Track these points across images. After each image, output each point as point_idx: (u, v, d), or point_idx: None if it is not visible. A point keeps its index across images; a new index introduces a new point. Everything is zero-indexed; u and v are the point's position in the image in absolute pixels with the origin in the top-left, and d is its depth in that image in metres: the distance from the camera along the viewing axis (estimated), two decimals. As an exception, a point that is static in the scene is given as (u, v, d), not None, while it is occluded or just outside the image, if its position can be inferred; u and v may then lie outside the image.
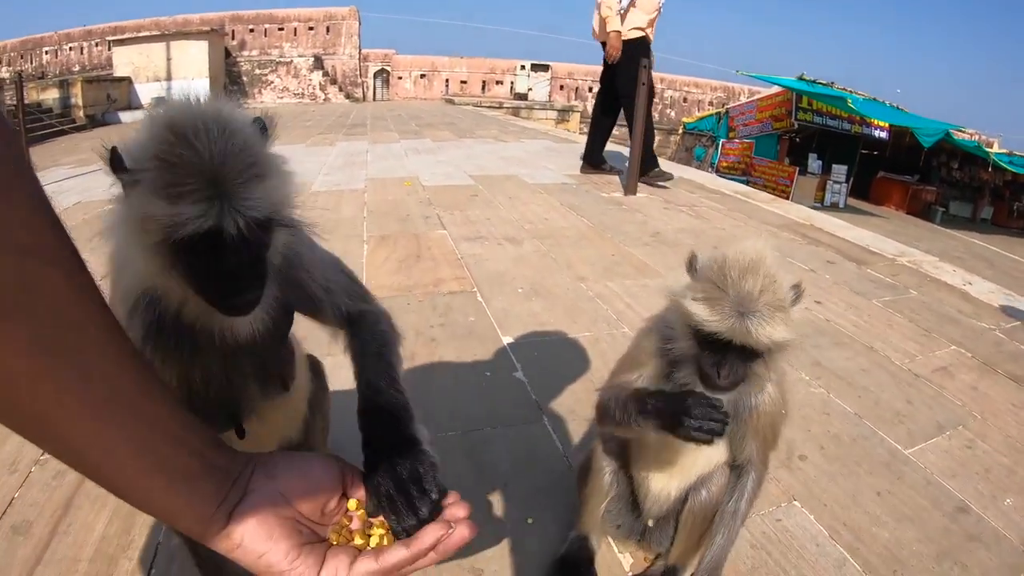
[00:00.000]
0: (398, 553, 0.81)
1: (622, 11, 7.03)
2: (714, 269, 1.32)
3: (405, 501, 0.88)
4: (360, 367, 1.31)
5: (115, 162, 0.98)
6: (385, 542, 0.85)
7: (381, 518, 0.87)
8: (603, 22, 7.08)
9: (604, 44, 7.31)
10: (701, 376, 1.35)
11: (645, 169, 7.29)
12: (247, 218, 0.96)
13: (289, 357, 1.50)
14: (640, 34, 7.13)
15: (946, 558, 1.97)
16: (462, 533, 0.84)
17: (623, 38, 7.11)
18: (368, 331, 1.38)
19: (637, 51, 7.01)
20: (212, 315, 1.10)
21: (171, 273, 1.03)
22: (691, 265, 1.39)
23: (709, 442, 1.28)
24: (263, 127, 1.08)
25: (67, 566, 1.82)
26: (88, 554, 1.87)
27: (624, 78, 7.20)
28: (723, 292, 1.27)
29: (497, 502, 2.11)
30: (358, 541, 0.84)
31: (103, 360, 0.63)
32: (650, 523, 1.77)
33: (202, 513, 0.72)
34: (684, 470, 1.63)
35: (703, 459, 1.60)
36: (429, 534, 0.83)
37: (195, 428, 0.73)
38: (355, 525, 0.86)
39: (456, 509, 0.88)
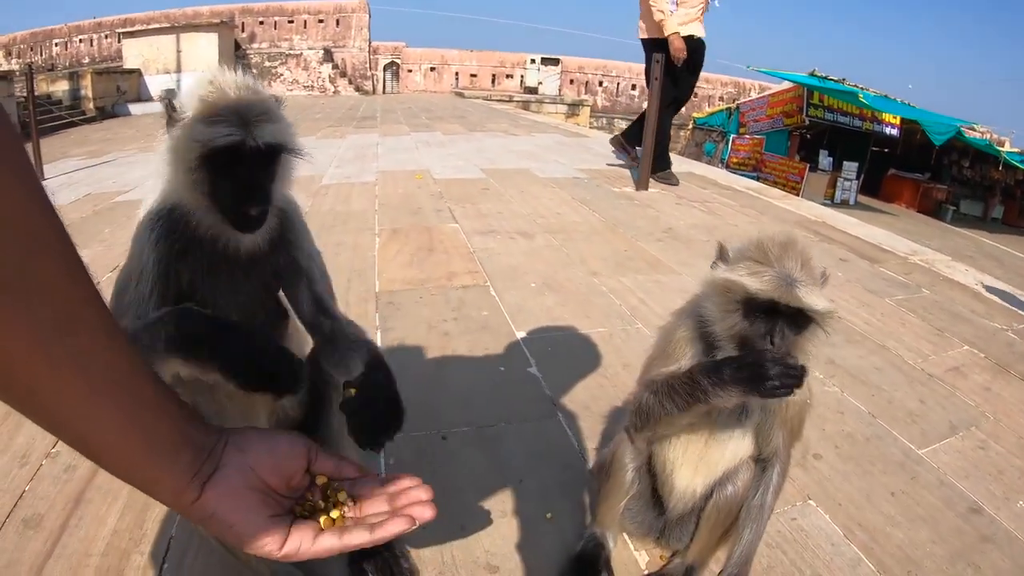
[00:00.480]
0: (361, 535, 0.86)
1: (672, 11, 6.84)
2: (752, 250, 1.39)
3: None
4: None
5: (171, 105, 1.35)
6: (347, 513, 0.91)
7: (344, 493, 0.92)
8: (659, 25, 6.84)
9: (648, 43, 7.11)
10: (748, 350, 1.39)
11: (658, 167, 7.27)
12: (261, 140, 1.31)
13: (279, 323, 1.67)
14: (687, 32, 6.91)
15: (959, 559, 1.97)
16: (423, 516, 0.90)
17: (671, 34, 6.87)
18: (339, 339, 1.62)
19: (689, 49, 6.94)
20: (223, 228, 1.40)
21: (199, 188, 1.35)
22: (722, 254, 1.46)
23: (790, 394, 1.31)
24: (276, 100, 1.44)
25: (78, 560, 1.81)
26: (99, 548, 1.86)
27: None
28: (768, 266, 1.34)
29: (512, 498, 2.11)
30: (323, 517, 0.88)
31: (94, 340, 0.67)
32: (672, 520, 1.78)
33: (178, 484, 0.76)
34: (711, 465, 1.64)
35: (730, 453, 1.62)
36: (392, 524, 0.88)
37: (175, 402, 0.78)
38: (320, 501, 0.91)
39: (419, 492, 0.93)
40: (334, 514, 0.89)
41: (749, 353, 1.36)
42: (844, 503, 2.17)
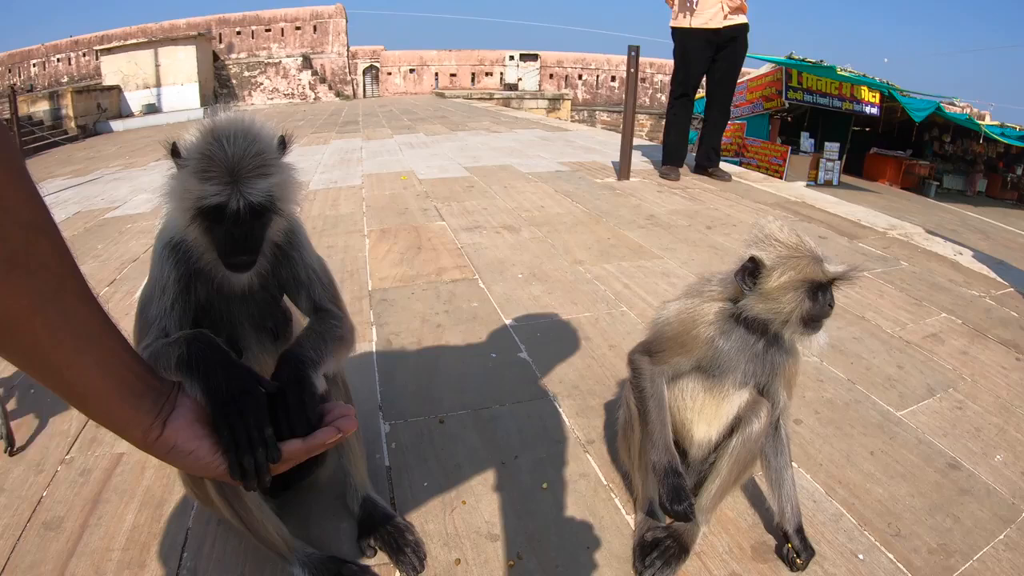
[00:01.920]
0: (295, 444, 1.08)
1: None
2: (783, 249, 1.63)
3: (291, 419, 1.17)
4: (300, 335, 1.61)
5: (175, 152, 1.44)
6: None
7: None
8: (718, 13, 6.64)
9: (678, 33, 6.93)
10: (811, 321, 1.67)
11: (666, 161, 7.36)
12: (249, 201, 1.40)
13: (283, 319, 1.80)
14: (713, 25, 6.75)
15: (938, 511, 2.04)
16: (348, 427, 1.11)
17: (706, 26, 6.74)
18: (321, 320, 1.68)
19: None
20: (219, 266, 1.51)
21: (197, 231, 1.46)
22: (758, 263, 1.63)
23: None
24: (283, 142, 1.52)
25: (100, 556, 1.88)
26: (120, 543, 1.93)
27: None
28: (810, 255, 1.62)
29: (509, 473, 2.19)
30: None
31: (78, 303, 0.82)
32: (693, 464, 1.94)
33: (145, 422, 0.91)
34: (723, 418, 1.83)
35: (739, 408, 1.82)
36: (322, 433, 1.09)
37: (138, 359, 0.93)
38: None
39: (343, 409, 1.15)
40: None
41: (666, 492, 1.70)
42: (825, 463, 2.26)
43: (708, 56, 6.83)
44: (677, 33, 6.90)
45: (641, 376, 1.80)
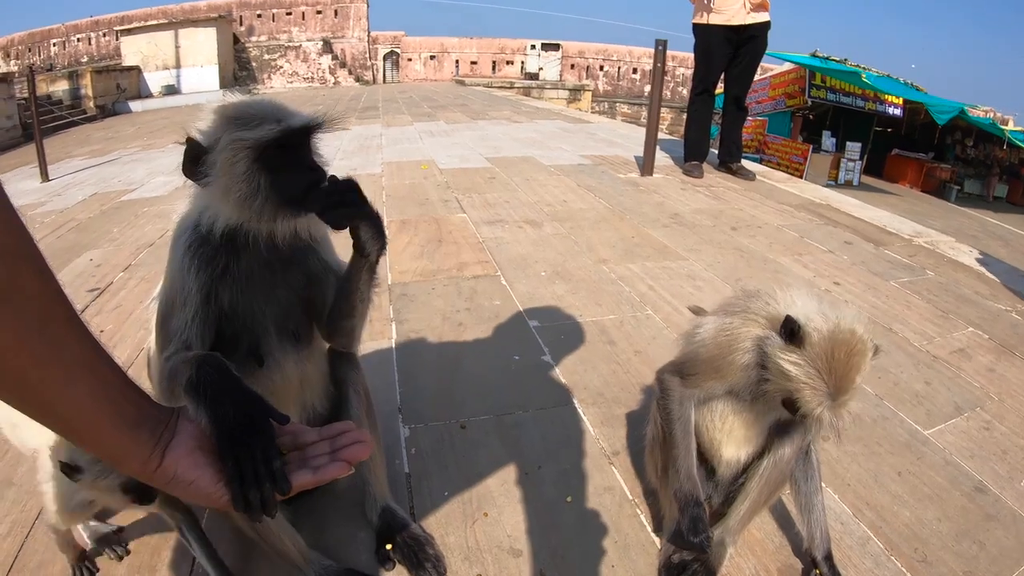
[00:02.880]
0: (304, 476, 1.00)
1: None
2: (820, 354, 1.46)
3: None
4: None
5: (195, 145, 1.44)
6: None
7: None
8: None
9: (699, 29, 6.84)
10: (789, 407, 1.54)
11: (688, 157, 7.30)
12: (300, 123, 1.44)
13: (305, 321, 1.75)
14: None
15: (965, 537, 2.01)
16: (357, 456, 1.04)
17: (728, 23, 6.66)
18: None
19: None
20: (279, 225, 1.49)
21: (255, 193, 1.42)
22: (792, 332, 1.51)
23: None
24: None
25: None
26: (131, 545, 1.91)
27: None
28: (824, 383, 1.45)
29: (532, 483, 2.16)
30: None
31: (66, 332, 0.78)
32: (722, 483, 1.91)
33: (143, 453, 0.87)
34: (753, 440, 1.80)
35: (767, 429, 1.78)
36: (332, 468, 1.01)
37: (132, 386, 0.88)
38: None
39: (354, 435, 1.07)
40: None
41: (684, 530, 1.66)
42: (853, 483, 2.23)
43: (729, 52, 6.78)
44: (699, 29, 6.83)
45: (670, 398, 1.76)
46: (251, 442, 1.03)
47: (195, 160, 1.43)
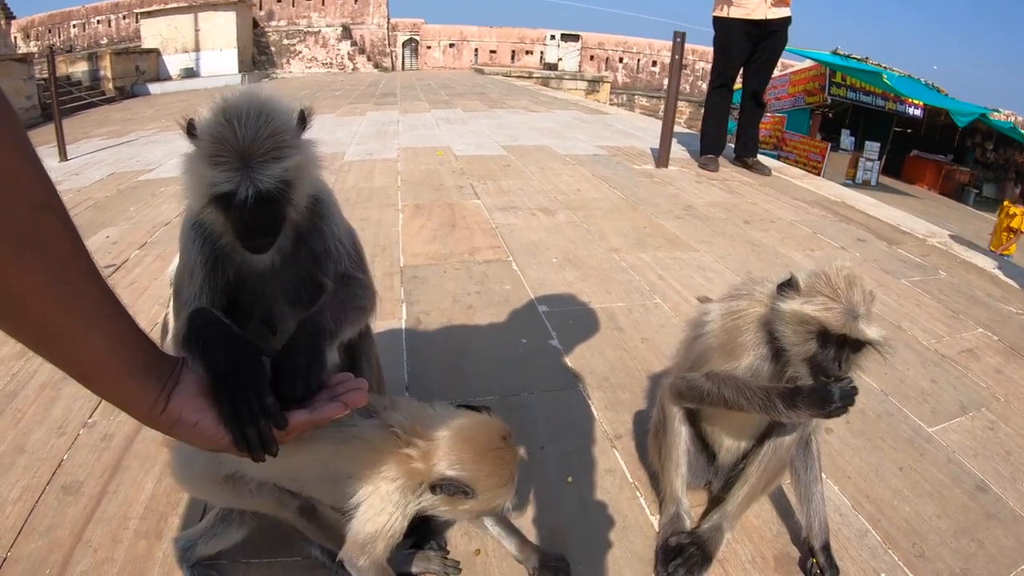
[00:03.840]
0: (301, 415, 1.11)
1: None
2: (823, 285, 1.56)
3: (294, 381, 1.18)
4: (321, 301, 1.57)
5: (191, 129, 1.39)
6: None
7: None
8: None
9: (719, 22, 6.79)
10: (818, 370, 1.58)
11: (704, 150, 7.30)
12: (259, 188, 1.35)
13: (318, 292, 1.71)
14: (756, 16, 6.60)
15: (963, 534, 2.01)
16: (356, 401, 1.15)
17: (748, 17, 6.61)
18: (345, 288, 1.66)
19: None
20: (238, 247, 1.50)
21: (212, 215, 1.44)
22: (794, 284, 1.60)
23: (846, 412, 1.55)
24: (302, 118, 1.46)
25: (117, 524, 1.90)
26: (138, 512, 1.95)
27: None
28: (839, 302, 1.52)
29: (535, 463, 2.19)
30: None
31: (86, 281, 0.83)
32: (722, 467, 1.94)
33: (150, 397, 0.93)
34: (754, 427, 1.82)
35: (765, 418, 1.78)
36: (329, 407, 1.12)
37: (143, 336, 0.93)
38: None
39: (353, 383, 1.18)
40: None
41: (818, 387, 1.55)
42: (853, 476, 2.23)
43: (748, 47, 6.72)
44: (718, 22, 6.79)
45: (695, 382, 1.76)
46: (243, 383, 1.08)
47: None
